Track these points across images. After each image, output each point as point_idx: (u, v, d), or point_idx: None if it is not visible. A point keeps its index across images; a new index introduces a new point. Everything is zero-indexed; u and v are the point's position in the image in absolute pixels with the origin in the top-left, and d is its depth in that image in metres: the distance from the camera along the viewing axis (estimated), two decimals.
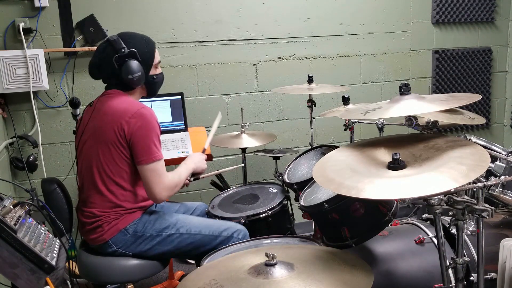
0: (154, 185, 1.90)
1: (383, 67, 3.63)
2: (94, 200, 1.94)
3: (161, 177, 1.92)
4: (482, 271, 1.43)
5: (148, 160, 1.88)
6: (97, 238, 1.94)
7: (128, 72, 1.92)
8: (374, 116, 1.48)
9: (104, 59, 1.96)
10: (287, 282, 1.23)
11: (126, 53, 1.92)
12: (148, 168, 1.89)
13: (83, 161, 1.99)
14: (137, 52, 1.94)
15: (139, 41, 1.99)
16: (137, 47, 1.95)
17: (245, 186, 2.58)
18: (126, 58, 1.92)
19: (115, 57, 1.92)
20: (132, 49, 1.93)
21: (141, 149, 1.88)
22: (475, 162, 1.25)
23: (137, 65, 1.93)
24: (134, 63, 1.93)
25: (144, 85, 2.03)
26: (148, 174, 1.89)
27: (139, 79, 1.95)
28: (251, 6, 3.25)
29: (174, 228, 1.99)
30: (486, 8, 3.78)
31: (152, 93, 2.11)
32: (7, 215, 1.42)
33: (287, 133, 3.48)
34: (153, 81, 2.05)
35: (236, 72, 3.30)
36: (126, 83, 1.95)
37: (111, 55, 1.93)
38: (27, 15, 2.80)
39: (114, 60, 1.92)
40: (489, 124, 4.02)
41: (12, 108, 2.87)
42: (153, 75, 2.04)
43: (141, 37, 2.02)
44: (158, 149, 1.92)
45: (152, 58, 2.02)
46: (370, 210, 1.79)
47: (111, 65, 1.93)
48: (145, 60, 1.97)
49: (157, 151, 1.91)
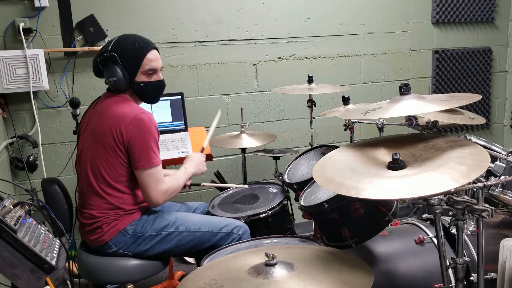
0: (151, 190, 1.91)
1: (383, 67, 3.63)
2: (93, 202, 1.94)
3: (158, 182, 1.92)
4: (482, 271, 1.43)
5: (145, 165, 1.88)
6: (97, 239, 1.94)
7: (107, 75, 1.95)
8: (374, 116, 1.48)
9: (96, 60, 1.99)
10: (287, 282, 1.23)
11: (107, 57, 1.93)
12: (145, 173, 1.89)
13: (82, 162, 1.99)
14: (117, 56, 1.91)
15: (128, 45, 1.94)
16: (121, 52, 1.92)
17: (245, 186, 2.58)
18: (110, 62, 1.93)
19: (98, 59, 1.95)
20: (113, 53, 1.92)
21: (139, 154, 1.88)
22: (475, 162, 1.25)
23: (115, 70, 1.91)
24: (112, 68, 1.92)
25: (133, 90, 1.98)
26: (146, 179, 1.90)
27: (116, 83, 1.93)
28: (251, 6, 3.25)
29: (173, 226, 1.99)
30: (486, 8, 3.78)
31: (145, 99, 2.04)
32: (7, 215, 1.43)
33: (287, 133, 3.48)
34: (140, 88, 1.97)
35: (236, 72, 3.30)
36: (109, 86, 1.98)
37: (101, 56, 1.96)
38: (27, 15, 2.80)
39: (99, 62, 1.95)
40: (489, 124, 4.02)
41: (12, 108, 2.87)
42: (140, 82, 1.96)
43: (132, 42, 1.95)
44: (156, 155, 1.92)
45: (137, 64, 1.94)
46: (370, 210, 1.79)
47: (98, 67, 1.97)
48: (127, 66, 1.93)
49: (155, 157, 1.91)
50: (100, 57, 1.94)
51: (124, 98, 1.98)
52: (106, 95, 2.03)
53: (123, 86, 1.95)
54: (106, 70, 1.94)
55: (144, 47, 1.96)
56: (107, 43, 1.97)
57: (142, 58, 1.94)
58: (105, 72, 1.95)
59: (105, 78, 1.97)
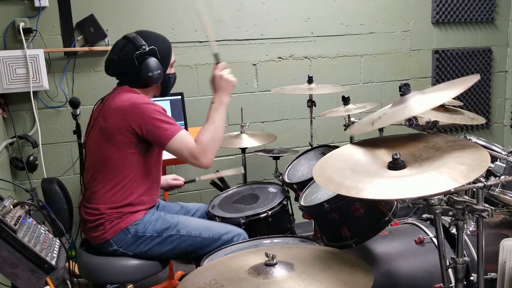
0: (188, 156, 1.89)
1: (383, 67, 3.63)
2: (99, 197, 1.94)
3: (189, 145, 1.90)
4: (482, 271, 1.43)
5: (166, 139, 1.87)
6: (98, 237, 1.94)
7: (148, 69, 1.93)
8: (383, 124, 1.47)
9: (124, 56, 1.95)
10: (287, 282, 1.23)
11: (147, 51, 1.92)
12: (171, 146, 1.88)
13: (91, 157, 1.99)
14: (157, 50, 1.95)
15: (158, 39, 2.00)
16: (157, 45, 1.96)
17: (245, 186, 2.58)
18: (147, 56, 1.93)
19: (136, 54, 1.92)
20: (153, 46, 1.94)
21: (157, 134, 1.88)
22: (475, 162, 1.25)
23: (157, 63, 1.95)
24: (154, 61, 1.94)
25: (160, 83, 2.03)
26: (176, 150, 1.89)
27: (158, 77, 1.96)
28: (251, 6, 3.25)
29: (174, 229, 1.99)
30: (486, 8, 3.78)
31: (165, 92, 2.11)
32: (7, 215, 1.43)
33: (287, 133, 3.48)
34: (168, 80, 2.06)
35: (236, 72, 3.27)
36: (145, 81, 1.96)
37: (131, 52, 1.92)
38: (27, 15, 2.80)
39: (135, 57, 1.92)
40: (489, 124, 4.02)
41: (12, 108, 2.87)
42: (169, 74, 2.05)
43: (159, 35, 2.03)
44: (171, 124, 1.89)
45: (169, 57, 2.03)
46: (370, 210, 1.79)
47: (131, 62, 1.93)
48: (163, 58, 1.98)
49: (169, 127, 1.88)
50: (138, 51, 1.91)
51: (131, 91, 1.98)
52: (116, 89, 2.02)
53: (160, 79, 1.98)
54: (145, 64, 1.92)
55: (168, 40, 2.06)
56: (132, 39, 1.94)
57: (171, 51, 2.04)
58: (143, 67, 1.92)
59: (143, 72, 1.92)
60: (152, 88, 2.05)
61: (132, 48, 1.93)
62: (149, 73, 1.93)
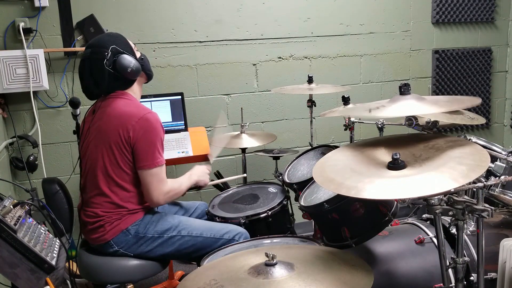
0: (154, 190, 1.92)
1: (383, 67, 3.63)
2: (97, 201, 1.94)
3: (161, 182, 1.93)
4: (482, 271, 1.43)
5: (150, 165, 1.89)
6: (98, 238, 1.94)
7: (124, 67, 1.93)
8: (379, 114, 1.47)
9: (97, 73, 1.93)
10: (287, 282, 1.23)
11: (111, 53, 1.92)
12: (149, 173, 1.90)
13: (87, 162, 1.99)
14: (116, 47, 1.94)
15: (109, 38, 1.99)
16: (113, 43, 1.95)
17: (245, 186, 2.58)
18: (114, 57, 1.93)
19: (105, 63, 1.91)
20: (111, 46, 1.93)
21: (144, 154, 1.89)
22: (475, 162, 1.25)
23: (127, 57, 1.95)
24: (123, 57, 1.94)
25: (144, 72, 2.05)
26: (149, 178, 1.91)
27: (137, 67, 1.97)
28: (251, 6, 3.25)
29: (175, 230, 1.99)
30: (486, 8, 3.78)
31: (150, 74, 2.11)
32: (7, 215, 1.43)
33: (287, 133, 3.47)
34: (144, 63, 2.05)
35: (236, 72, 3.30)
36: (129, 78, 1.96)
37: (99, 65, 1.91)
38: (27, 15, 2.80)
39: (107, 66, 1.91)
40: (489, 124, 4.02)
41: (12, 108, 2.87)
42: (141, 57, 2.05)
43: (105, 35, 2.08)
44: (161, 154, 1.93)
45: (129, 44, 2.03)
46: (370, 210, 1.79)
47: (106, 73, 1.92)
48: (127, 49, 1.98)
49: (160, 157, 1.92)
50: (105, 60, 1.90)
51: (128, 96, 1.99)
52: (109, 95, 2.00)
53: (140, 67, 1.99)
54: (118, 65, 1.92)
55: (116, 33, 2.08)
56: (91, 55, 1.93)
57: (125, 38, 2.04)
58: (118, 68, 1.92)
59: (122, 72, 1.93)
60: (139, 80, 2.05)
61: (98, 62, 1.91)
62: (128, 69, 1.94)
